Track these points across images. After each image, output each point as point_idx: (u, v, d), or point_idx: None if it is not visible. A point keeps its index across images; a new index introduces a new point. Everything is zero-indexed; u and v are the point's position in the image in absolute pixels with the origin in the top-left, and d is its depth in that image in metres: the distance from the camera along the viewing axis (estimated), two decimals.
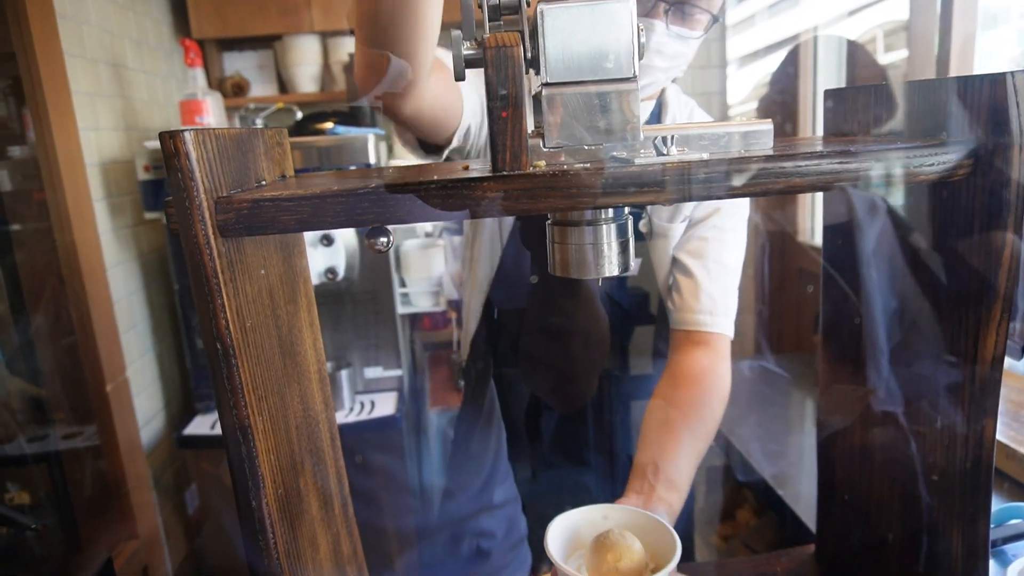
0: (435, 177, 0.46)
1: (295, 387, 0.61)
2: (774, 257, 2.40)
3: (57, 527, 1.73)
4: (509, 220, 1.06)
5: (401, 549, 1.76)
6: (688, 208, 1.03)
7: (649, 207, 1.04)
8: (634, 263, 1.11)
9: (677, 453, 0.90)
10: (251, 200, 0.47)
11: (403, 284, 2.36)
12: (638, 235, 1.05)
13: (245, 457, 0.50)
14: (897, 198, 0.56)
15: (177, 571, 2.14)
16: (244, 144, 0.54)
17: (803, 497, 1.46)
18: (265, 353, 0.54)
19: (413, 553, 1.37)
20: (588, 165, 0.48)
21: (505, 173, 0.46)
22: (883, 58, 2.16)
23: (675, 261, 1.05)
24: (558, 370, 1.13)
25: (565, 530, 0.74)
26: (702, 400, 0.98)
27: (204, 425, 2.17)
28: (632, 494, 0.84)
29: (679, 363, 1.03)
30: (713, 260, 1.02)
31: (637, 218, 1.04)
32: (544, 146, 0.52)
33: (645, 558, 0.70)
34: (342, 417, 2.13)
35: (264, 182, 0.58)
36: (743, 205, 1.05)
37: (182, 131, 0.44)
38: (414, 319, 2.56)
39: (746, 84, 2.91)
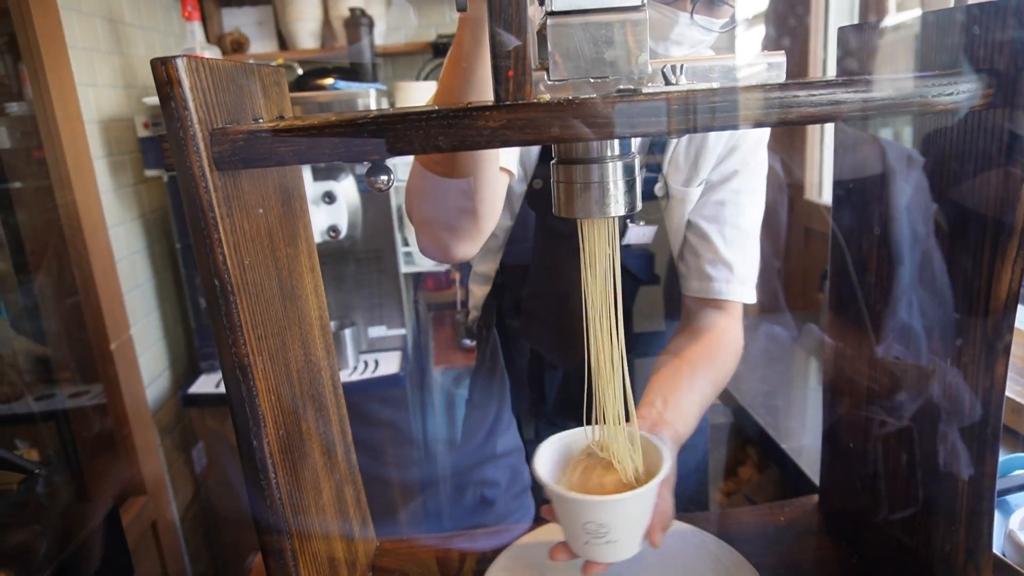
0: (436, 107, 0.45)
1: (296, 330, 0.61)
2: (780, 214, 2.37)
3: (67, 483, 1.74)
4: (521, 187, 1.04)
5: (406, 502, 1.77)
6: (705, 171, 1.01)
7: (665, 170, 1.02)
8: (649, 230, 1.10)
9: (686, 390, 0.90)
10: (247, 131, 0.45)
11: (406, 243, 2.34)
12: (653, 198, 1.04)
13: (245, 396, 0.49)
14: (912, 131, 0.55)
15: (184, 526, 2.17)
16: (240, 78, 0.52)
17: (806, 452, 1.47)
18: (265, 293, 0.53)
19: (418, 503, 1.38)
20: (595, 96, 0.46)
21: (508, 103, 0.45)
22: (895, 17, 2.10)
23: (690, 225, 1.04)
24: (564, 326, 1.13)
25: (554, 452, 0.74)
26: (714, 352, 0.98)
27: (209, 384, 2.19)
28: (639, 420, 0.84)
29: (693, 324, 1.03)
30: (730, 225, 1.01)
31: (652, 182, 1.03)
32: (548, 79, 0.50)
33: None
34: (346, 376, 2.13)
35: (261, 119, 0.56)
36: (762, 167, 1.03)
37: (174, 57, 0.43)
38: (418, 278, 2.55)
39: (754, 43, 2.85)
